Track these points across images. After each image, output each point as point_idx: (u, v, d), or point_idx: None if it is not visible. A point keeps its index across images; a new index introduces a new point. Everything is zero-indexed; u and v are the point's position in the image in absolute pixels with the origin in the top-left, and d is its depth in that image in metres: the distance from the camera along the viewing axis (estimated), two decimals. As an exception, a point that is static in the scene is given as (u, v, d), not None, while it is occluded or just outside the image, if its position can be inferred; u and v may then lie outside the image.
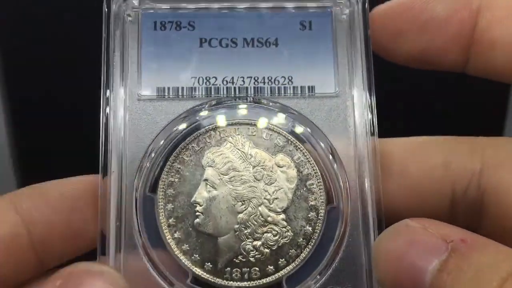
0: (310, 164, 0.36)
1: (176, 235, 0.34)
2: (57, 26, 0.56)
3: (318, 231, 0.35)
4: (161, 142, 0.36)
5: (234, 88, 0.37)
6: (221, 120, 0.36)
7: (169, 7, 0.37)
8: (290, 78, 0.37)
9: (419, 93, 0.58)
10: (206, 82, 0.37)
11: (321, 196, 0.35)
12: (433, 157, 0.36)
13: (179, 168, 0.35)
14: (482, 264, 0.28)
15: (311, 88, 0.37)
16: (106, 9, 0.37)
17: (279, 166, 0.35)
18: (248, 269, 0.34)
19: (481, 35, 0.36)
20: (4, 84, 0.57)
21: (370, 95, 0.36)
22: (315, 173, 0.36)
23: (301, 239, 0.35)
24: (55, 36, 0.56)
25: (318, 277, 0.35)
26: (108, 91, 0.36)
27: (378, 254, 0.31)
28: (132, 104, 0.36)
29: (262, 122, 0.36)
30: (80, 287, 0.29)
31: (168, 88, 0.37)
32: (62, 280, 0.30)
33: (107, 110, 0.36)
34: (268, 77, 0.37)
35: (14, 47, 0.56)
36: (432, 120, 0.59)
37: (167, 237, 0.34)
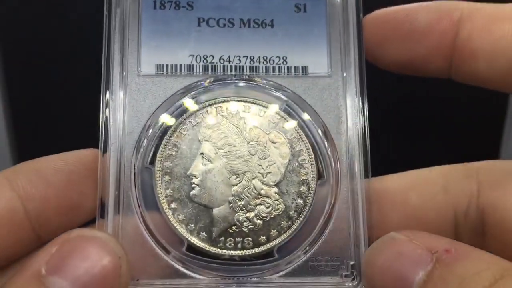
0: (302, 141, 0.37)
1: (172, 205, 0.36)
2: (58, 20, 0.57)
3: (309, 204, 0.36)
4: (160, 117, 0.37)
5: (231, 66, 0.38)
6: (217, 96, 0.37)
7: (169, -13, 0.39)
8: (284, 58, 0.39)
9: (419, 93, 0.59)
10: (203, 60, 0.38)
11: (312, 171, 0.37)
12: (432, 185, 0.38)
13: (177, 141, 0.37)
14: (465, 273, 0.29)
15: (305, 68, 0.38)
16: (108, -11, 0.38)
17: (272, 142, 0.37)
18: (242, 238, 0.36)
19: (462, 45, 0.37)
20: (3, 73, 0.57)
21: (361, 77, 0.38)
22: (307, 149, 0.37)
23: (293, 211, 0.36)
24: (55, 30, 0.57)
25: (308, 248, 0.36)
26: (108, 67, 0.37)
27: (367, 266, 0.32)
28: (132, 80, 0.37)
29: (257, 99, 0.38)
30: (74, 252, 0.30)
31: (167, 65, 0.38)
32: (57, 246, 0.31)
33: (107, 85, 0.37)
34: (263, 57, 0.38)
35: (15, 40, 0.57)
36: (432, 121, 0.60)
37: (164, 207, 0.36)
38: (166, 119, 0.37)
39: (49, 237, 0.37)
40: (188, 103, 0.37)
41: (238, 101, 0.37)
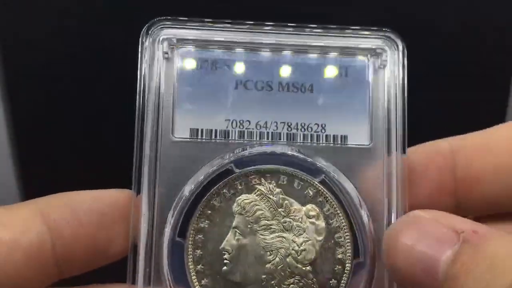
0: (339, 217, 0.36)
1: (203, 282, 0.35)
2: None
3: (343, 285, 0.35)
4: (193, 186, 0.36)
5: (267, 133, 0.37)
6: (253, 166, 0.36)
7: (206, 47, 0.37)
8: (323, 125, 0.37)
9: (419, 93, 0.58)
10: (239, 126, 0.37)
11: (348, 249, 0.36)
12: None
13: (209, 214, 0.35)
14: (495, 254, 0.28)
15: (344, 138, 0.37)
16: (142, 46, 0.36)
17: (308, 217, 0.36)
18: (274, 319, 0.35)
19: (463, 174, 0.37)
20: (5, 88, 0.56)
21: (403, 151, 0.36)
22: (343, 226, 0.36)
23: (327, 291, 0.35)
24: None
25: (341, 330, 0.35)
26: (141, 131, 0.35)
27: (389, 244, 0.32)
28: (165, 145, 0.36)
29: (294, 171, 0.36)
30: None
31: (202, 130, 0.36)
32: None
33: (140, 151, 0.35)
34: (301, 123, 0.37)
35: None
36: (432, 122, 0.59)
37: (194, 284, 0.35)
38: (199, 189, 0.36)
39: (70, 274, 0.36)
40: (222, 173, 0.36)
41: (275, 172, 0.36)
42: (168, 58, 0.37)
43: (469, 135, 0.38)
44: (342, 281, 0.35)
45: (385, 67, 0.37)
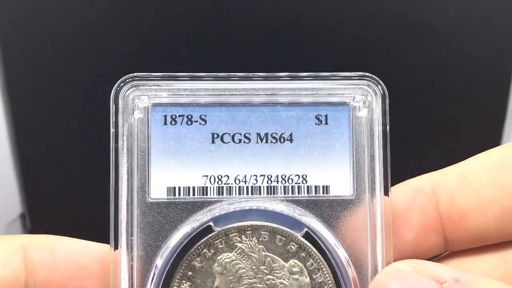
0: (323, 271, 0.35)
1: None
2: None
3: None
4: (172, 246, 0.35)
5: (247, 187, 0.36)
6: (233, 223, 0.35)
7: (180, 102, 0.36)
8: (304, 176, 0.36)
9: (419, 94, 0.57)
10: (218, 181, 0.36)
11: (333, 305, 0.35)
12: None
13: (190, 275, 0.35)
14: None
15: (326, 188, 0.36)
16: (114, 104, 0.35)
17: (291, 273, 0.35)
18: None
19: (448, 211, 0.36)
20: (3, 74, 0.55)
21: (386, 194, 0.35)
22: (328, 281, 0.35)
23: None
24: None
25: None
26: (116, 192, 0.35)
27: None
28: (142, 207, 0.35)
29: (275, 227, 0.35)
30: None
31: (179, 188, 0.35)
32: None
33: (116, 212, 0.35)
34: (281, 175, 0.36)
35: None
36: (432, 122, 0.58)
37: None
38: (179, 249, 0.35)
39: None
40: (202, 231, 0.35)
41: (255, 228, 0.35)
42: (140, 115, 0.36)
43: (449, 169, 0.37)
44: (329, 339, 0.35)
45: (366, 113, 0.36)
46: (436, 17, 0.53)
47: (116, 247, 0.34)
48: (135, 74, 0.35)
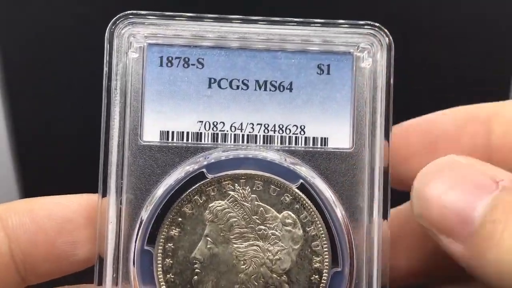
0: (317, 224, 0.34)
1: (173, 292, 0.33)
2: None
3: (321, 295, 0.34)
4: (162, 191, 0.34)
5: (243, 135, 0.35)
6: (226, 171, 0.34)
7: (177, 43, 0.35)
8: (302, 127, 0.35)
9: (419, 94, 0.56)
10: (213, 128, 0.34)
11: (325, 259, 0.34)
12: None
13: (180, 221, 0.34)
14: None
15: (324, 140, 0.35)
16: (108, 43, 0.34)
17: (284, 225, 0.34)
18: (247, 332, 0.33)
19: (499, 143, 0.34)
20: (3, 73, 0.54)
21: (386, 157, 0.34)
22: (321, 234, 0.34)
23: (303, 303, 0.34)
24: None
25: None
26: (107, 133, 0.34)
27: (420, 189, 0.30)
28: (133, 150, 0.34)
29: (269, 176, 0.34)
30: None
31: (172, 133, 0.34)
32: None
33: (106, 154, 0.34)
34: (279, 125, 0.35)
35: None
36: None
37: (164, 294, 0.33)
38: (169, 195, 0.34)
39: (36, 281, 0.35)
40: (194, 178, 0.34)
41: (249, 177, 0.34)
42: (135, 55, 0.34)
43: (507, 103, 0.35)
44: (320, 292, 0.34)
45: (370, 64, 0.35)
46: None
47: (104, 192, 0.33)
48: (132, 11, 0.34)
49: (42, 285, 0.35)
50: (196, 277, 0.33)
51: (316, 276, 0.34)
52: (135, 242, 0.34)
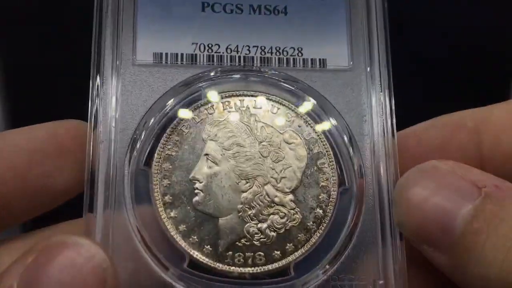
0: (322, 142, 0.32)
1: (172, 214, 0.31)
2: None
3: (329, 214, 0.32)
4: (158, 112, 0.32)
5: (239, 57, 0.34)
6: (225, 90, 0.33)
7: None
8: (299, 49, 0.34)
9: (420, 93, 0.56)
10: (208, 50, 0.33)
11: (333, 176, 0.32)
12: None
13: (177, 140, 0.32)
14: None
15: (323, 61, 0.34)
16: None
17: (287, 143, 0.32)
18: (252, 253, 0.31)
19: (491, 149, 0.32)
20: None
21: (387, 70, 0.33)
22: (326, 151, 0.32)
23: (311, 222, 0.31)
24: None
25: (328, 266, 0.31)
26: (99, 54, 0.32)
27: (401, 196, 0.29)
28: (126, 69, 0.32)
29: (269, 95, 0.33)
30: (52, 263, 0.25)
31: (166, 54, 0.33)
32: (34, 255, 0.26)
33: (97, 75, 0.32)
34: (276, 47, 0.34)
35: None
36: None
37: (162, 216, 0.31)
38: (165, 114, 0.32)
39: (16, 219, 0.33)
40: (191, 97, 0.32)
41: (249, 95, 0.33)
42: (128, -23, 0.34)
43: (495, 106, 0.34)
44: (328, 210, 0.32)
45: (362, -15, 0.35)
46: None
47: (96, 117, 0.31)
48: None
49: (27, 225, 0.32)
50: (196, 198, 0.31)
51: (324, 195, 0.32)
52: (129, 162, 0.31)
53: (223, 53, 0.33)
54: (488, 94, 0.51)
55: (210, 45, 0.33)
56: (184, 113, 0.32)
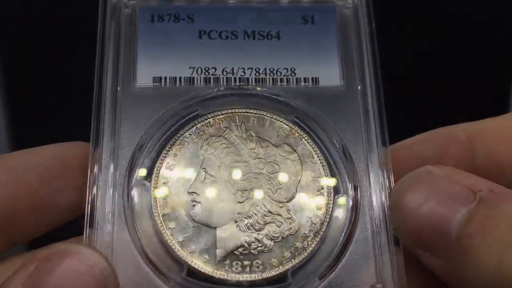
0: (315, 154, 0.33)
1: (170, 225, 0.31)
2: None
3: (326, 222, 0.32)
4: (157, 130, 0.34)
5: (235, 78, 0.35)
6: (221, 107, 0.34)
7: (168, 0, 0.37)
8: (293, 69, 0.36)
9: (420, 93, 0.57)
10: (205, 73, 0.35)
11: (327, 186, 0.33)
12: None
13: (176, 155, 0.33)
14: None
15: (315, 80, 0.35)
16: (102, 1, 0.36)
17: (283, 156, 0.33)
18: (250, 262, 0.31)
19: (485, 161, 0.33)
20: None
21: (377, 88, 0.35)
22: (320, 162, 0.33)
23: (308, 230, 0.32)
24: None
25: (326, 273, 0.31)
26: (101, 78, 0.34)
27: (396, 202, 0.29)
28: (127, 93, 0.34)
29: (264, 110, 0.34)
30: (55, 271, 0.26)
31: (165, 78, 0.35)
32: (36, 263, 0.26)
33: (100, 98, 0.34)
34: (270, 69, 0.36)
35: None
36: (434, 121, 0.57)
37: (160, 227, 0.31)
38: (164, 131, 0.33)
39: (25, 237, 0.33)
40: (188, 115, 0.34)
41: (244, 112, 0.34)
42: (128, 11, 0.36)
43: (488, 120, 0.34)
44: (324, 218, 0.32)
45: (351, 10, 0.37)
46: None
47: (97, 139, 0.33)
48: (125, -27, 0.36)
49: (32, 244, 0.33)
50: (193, 210, 0.32)
51: (320, 204, 0.32)
52: (129, 177, 0.32)
53: (219, 75, 0.35)
54: (482, 109, 0.52)
55: (207, 69, 0.35)
56: (182, 131, 0.33)
